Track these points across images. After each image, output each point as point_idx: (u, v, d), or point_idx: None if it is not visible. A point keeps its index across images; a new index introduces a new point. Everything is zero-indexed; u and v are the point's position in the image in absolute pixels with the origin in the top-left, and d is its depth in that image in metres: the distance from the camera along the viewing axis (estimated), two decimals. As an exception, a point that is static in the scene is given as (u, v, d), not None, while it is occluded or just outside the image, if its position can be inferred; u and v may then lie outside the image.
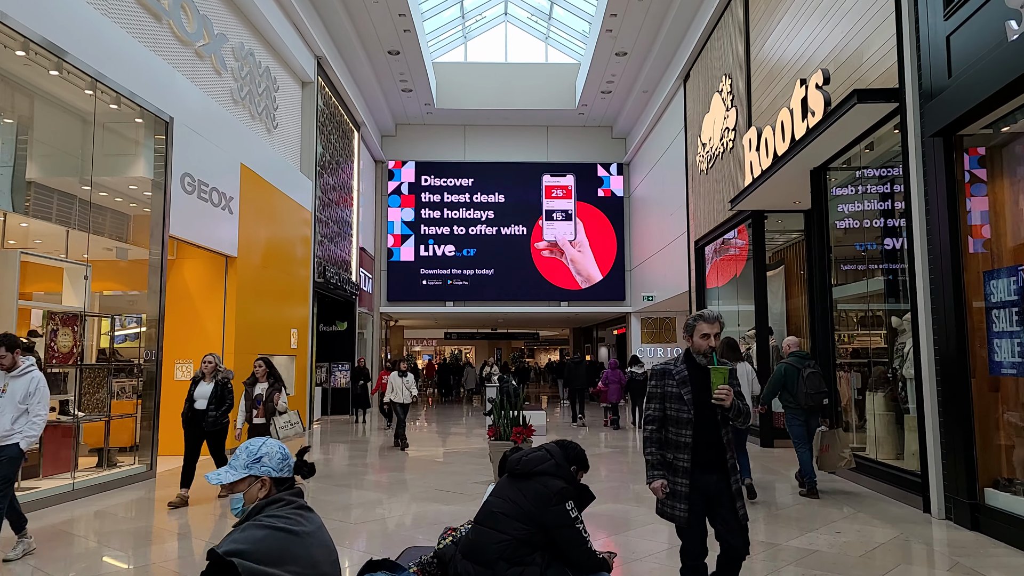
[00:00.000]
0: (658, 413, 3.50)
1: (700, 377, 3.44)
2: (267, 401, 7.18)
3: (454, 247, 22.31)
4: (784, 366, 7.29)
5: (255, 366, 7.45)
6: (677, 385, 3.45)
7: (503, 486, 3.01)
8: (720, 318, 3.53)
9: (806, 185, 9.42)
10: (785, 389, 7.22)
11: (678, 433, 3.41)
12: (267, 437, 2.21)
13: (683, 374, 3.47)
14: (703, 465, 3.38)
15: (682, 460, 3.37)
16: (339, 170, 17.22)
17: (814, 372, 7.14)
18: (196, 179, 9.48)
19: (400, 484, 8.08)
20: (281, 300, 12.75)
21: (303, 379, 13.89)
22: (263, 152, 12.08)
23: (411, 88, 19.64)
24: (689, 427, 3.37)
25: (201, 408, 7.12)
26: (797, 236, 11.72)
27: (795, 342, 7.65)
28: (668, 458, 3.43)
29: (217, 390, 7.17)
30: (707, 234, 14.13)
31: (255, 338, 11.46)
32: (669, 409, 3.46)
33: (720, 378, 3.33)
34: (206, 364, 7.28)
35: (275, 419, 7.07)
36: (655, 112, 18.65)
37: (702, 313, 3.50)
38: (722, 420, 3.41)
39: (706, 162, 14.05)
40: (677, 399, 3.44)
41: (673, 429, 3.44)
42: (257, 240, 11.64)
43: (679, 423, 3.41)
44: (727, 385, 3.31)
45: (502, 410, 8.08)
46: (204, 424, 7.09)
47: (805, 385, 7.04)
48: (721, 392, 3.30)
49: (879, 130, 7.56)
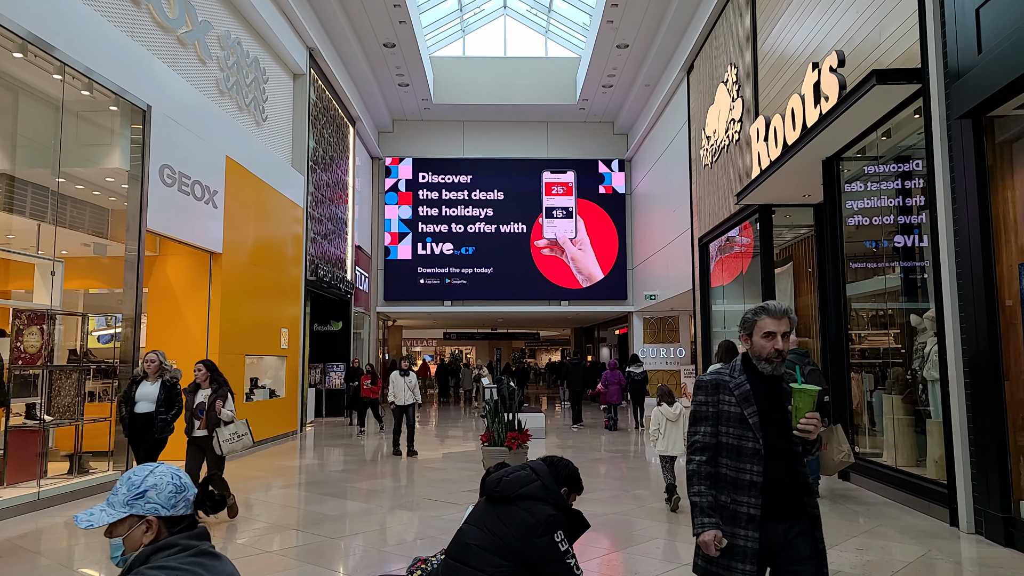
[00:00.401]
0: (710, 440, 2.60)
1: (766, 390, 2.60)
2: (209, 410, 6.22)
3: (452, 245, 21.86)
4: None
5: (195, 370, 6.44)
6: (737, 403, 2.56)
7: (480, 512, 2.52)
8: (790, 313, 2.63)
9: (817, 176, 8.94)
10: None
11: (740, 468, 2.52)
12: (156, 464, 1.73)
13: (744, 388, 2.58)
14: (775, 512, 2.50)
15: (746, 504, 2.47)
16: (333, 166, 16.76)
17: (814, 370, 7.00)
18: (177, 171, 9.03)
19: (385, 492, 7.62)
20: (271, 299, 12.30)
21: (294, 380, 13.44)
22: (251, 145, 11.63)
23: (408, 83, 19.18)
24: (756, 460, 2.50)
25: (144, 411, 6.32)
26: (806, 231, 11.24)
27: (795, 341, 7.50)
28: (723, 501, 2.54)
29: (164, 391, 6.41)
30: (711, 230, 13.66)
31: (242, 338, 11.01)
32: (726, 435, 2.58)
33: (807, 403, 2.45)
34: (148, 363, 6.49)
35: (219, 431, 6.17)
36: (657, 106, 18.17)
37: (766, 305, 2.62)
38: (802, 451, 2.58)
39: (710, 156, 13.58)
40: (737, 422, 2.55)
41: (731, 463, 2.55)
42: (244, 236, 11.19)
43: (741, 454, 2.53)
44: (815, 413, 2.46)
45: (496, 414, 7.62)
46: (155, 429, 6.29)
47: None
48: (809, 423, 2.44)
49: (897, 115, 7.08)
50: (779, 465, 2.51)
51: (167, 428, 6.38)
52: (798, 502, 2.53)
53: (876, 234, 8.18)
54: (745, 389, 2.57)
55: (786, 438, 2.53)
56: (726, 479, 2.56)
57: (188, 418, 6.24)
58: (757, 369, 2.61)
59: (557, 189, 22.15)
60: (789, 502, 2.52)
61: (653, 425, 6.79)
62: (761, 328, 2.59)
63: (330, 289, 16.17)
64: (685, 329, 21.40)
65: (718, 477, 2.59)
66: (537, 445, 11.65)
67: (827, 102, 7.39)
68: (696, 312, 14.77)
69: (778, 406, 2.57)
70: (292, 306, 13.43)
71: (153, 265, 10.28)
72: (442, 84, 20.88)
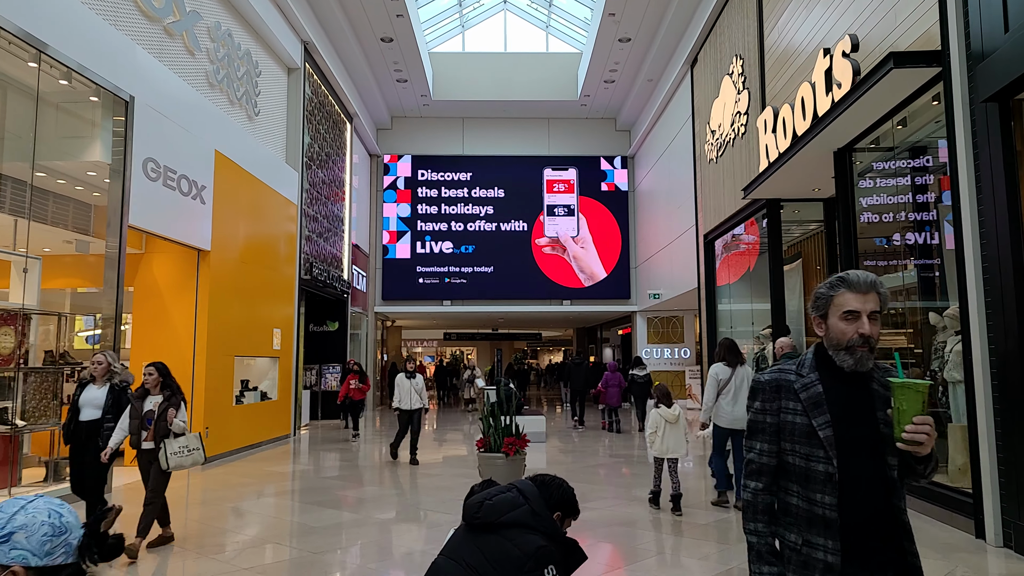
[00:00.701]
0: (769, 460, 1.99)
1: (846, 393, 1.93)
2: (159, 420, 5.43)
3: (452, 244, 21.51)
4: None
5: (145, 374, 5.61)
6: (805, 409, 1.93)
7: (458, 542, 2.15)
8: (879, 285, 1.94)
9: (828, 169, 8.57)
10: None
11: (809, 498, 1.91)
12: (31, 498, 1.37)
13: (814, 390, 1.93)
14: (860, 558, 1.87)
15: (821, 549, 1.87)
16: (330, 163, 16.42)
17: None
18: (162, 165, 8.69)
19: (375, 501, 7.27)
20: (262, 298, 11.95)
21: (287, 382, 13.10)
22: (242, 140, 11.29)
23: (406, 78, 18.83)
24: (830, 489, 1.87)
25: (89, 419, 5.59)
26: (816, 227, 10.87)
27: (788, 343, 7.27)
28: (791, 542, 1.94)
29: (112, 397, 5.67)
30: (717, 227, 13.28)
31: (231, 338, 10.67)
32: (792, 454, 1.95)
33: (915, 403, 1.77)
34: (96, 364, 5.76)
35: (167, 443, 5.37)
36: (661, 101, 17.80)
37: (846, 276, 1.95)
38: (900, 474, 1.90)
39: (715, 151, 13.21)
40: (804, 434, 1.92)
41: (798, 490, 1.93)
42: (234, 233, 10.84)
43: (810, 480, 1.90)
44: (927, 416, 1.78)
45: (491, 418, 7.25)
46: (100, 439, 5.57)
47: None
48: (920, 430, 1.76)
49: (914, 103, 6.71)
50: (865, 495, 1.86)
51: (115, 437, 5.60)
52: (893, 546, 1.88)
53: (891, 228, 7.80)
54: (815, 392, 1.92)
55: (875, 458, 1.88)
56: (795, 513, 1.93)
57: (135, 428, 5.45)
58: (834, 364, 1.94)
59: (559, 186, 21.79)
60: (879, 544, 1.87)
61: (650, 428, 6.65)
62: (840, 306, 1.92)
63: (326, 289, 15.83)
64: (690, 329, 21.02)
65: (784, 509, 1.98)
66: (537, 449, 11.28)
67: (840, 89, 7.02)
68: (701, 311, 14.40)
69: (862, 414, 1.90)
70: (285, 306, 13.08)
71: (139, 263, 9.95)
72: (441, 80, 20.53)
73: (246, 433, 11.24)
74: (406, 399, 9.77)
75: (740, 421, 6.53)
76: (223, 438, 10.36)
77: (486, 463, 7.20)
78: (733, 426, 6.67)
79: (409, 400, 9.78)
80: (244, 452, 10.98)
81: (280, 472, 9.19)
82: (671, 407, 6.63)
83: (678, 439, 6.53)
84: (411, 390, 9.83)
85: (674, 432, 6.53)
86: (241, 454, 10.81)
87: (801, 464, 1.92)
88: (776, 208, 10.60)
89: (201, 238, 9.76)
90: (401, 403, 9.79)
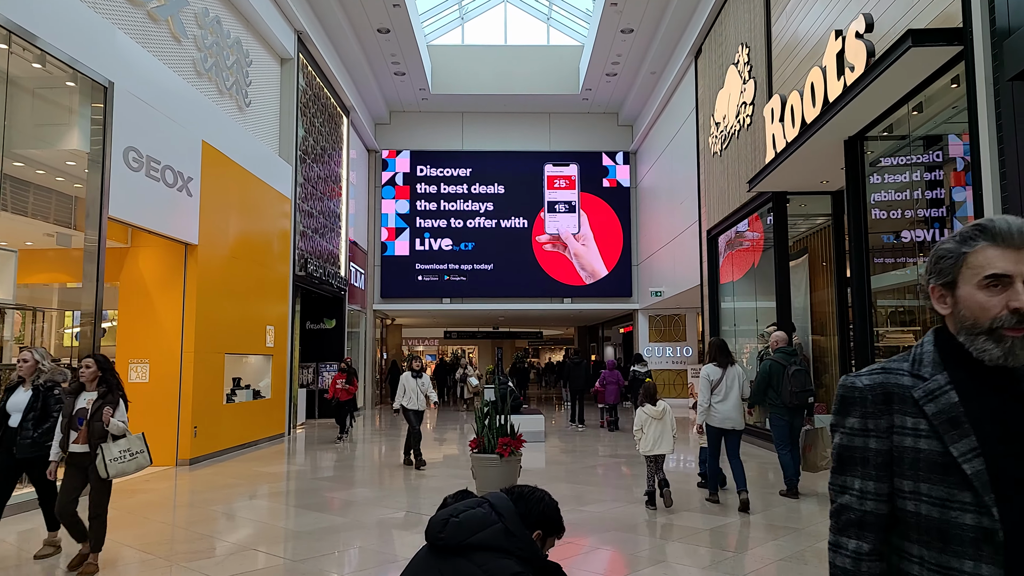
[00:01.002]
0: (876, 506, 1.33)
1: (996, 405, 1.27)
2: (92, 419, 4.68)
3: (451, 241, 21.18)
4: (770, 363, 7.08)
5: (82, 366, 4.83)
6: (935, 429, 1.27)
7: (418, 567, 1.82)
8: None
9: (837, 159, 8.22)
10: (770, 387, 7.00)
11: (948, 567, 1.24)
12: None
13: (946, 399, 1.28)
14: None
15: None
16: (326, 157, 16.10)
17: (800, 370, 6.88)
18: (144, 155, 8.36)
19: (364, 504, 6.93)
20: (254, 295, 11.63)
21: (282, 380, 12.78)
22: (232, 131, 10.97)
23: (404, 71, 18.49)
24: (988, 553, 1.20)
25: (16, 426, 5.03)
26: (823, 221, 10.51)
27: (783, 338, 7.40)
28: None
29: (37, 400, 5.06)
30: (721, 222, 12.93)
31: (221, 335, 10.35)
32: (913, 496, 1.29)
33: None
34: (22, 363, 5.15)
35: (105, 447, 4.64)
36: (664, 94, 17.44)
37: (988, 224, 1.29)
38: None
39: (720, 143, 12.85)
40: (937, 468, 1.26)
41: (927, 554, 1.27)
42: (224, 228, 10.52)
43: (950, 538, 1.24)
44: None
45: (486, 418, 6.92)
46: (15, 448, 4.97)
47: (791, 383, 6.83)
48: None
49: (931, 86, 6.36)
50: None
51: (37, 447, 4.99)
52: None
53: (905, 221, 7.45)
54: (948, 401, 1.27)
55: None
56: None
57: (65, 427, 4.73)
58: (970, 358, 1.29)
59: (559, 183, 21.44)
60: None
61: (636, 426, 6.67)
62: (978, 268, 1.28)
63: (322, 285, 15.51)
64: (692, 327, 20.66)
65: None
66: (536, 449, 10.95)
67: (852, 72, 6.68)
68: (704, 309, 14.05)
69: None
70: (279, 303, 12.76)
71: (125, 258, 9.63)
72: (440, 74, 20.19)
73: (238, 432, 10.93)
74: (411, 398, 9.30)
75: (731, 420, 6.57)
76: (212, 438, 10.04)
77: (480, 465, 6.88)
78: (724, 425, 6.61)
79: (415, 399, 9.32)
80: (235, 452, 10.67)
81: (270, 473, 8.87)
82: (655, 404, 6.60)
83: (664, 436, 6.50)
84: (416, 389, 9.38)
85: (659, 427, 6.51)
86: (232, 454, 10.49)
87: (933, 514, 1.25)
88: (782, 202, 10.25)
89: (188, 232, 9.43)
90: (406, 402, 9.30)
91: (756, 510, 6.43)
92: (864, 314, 7.70)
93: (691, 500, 6.94)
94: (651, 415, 6.53)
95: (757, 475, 8.29)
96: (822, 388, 10.33)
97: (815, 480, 7.70)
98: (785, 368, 6.90)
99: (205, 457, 9.79)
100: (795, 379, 6.82)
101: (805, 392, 6.83)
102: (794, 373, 6.79)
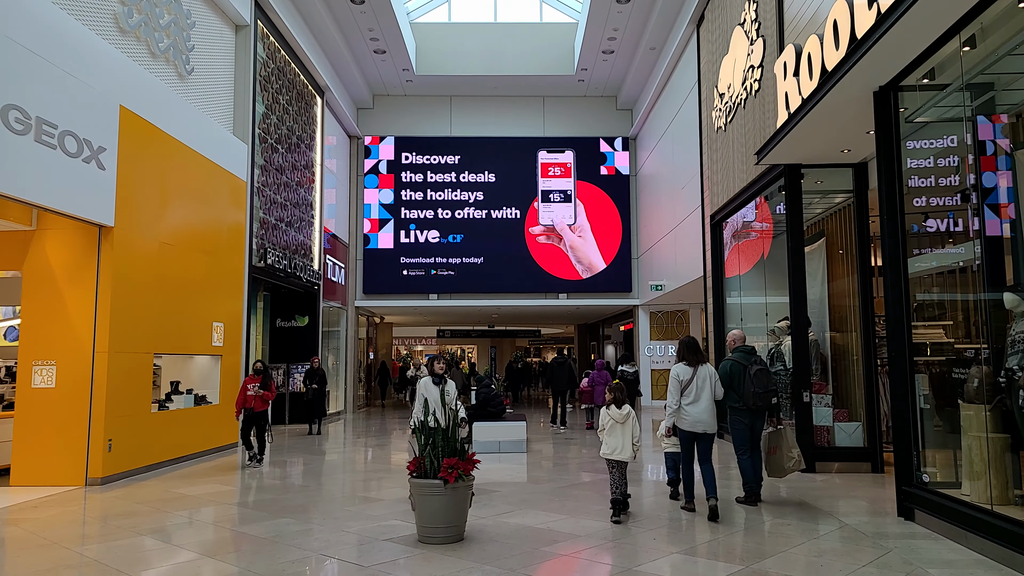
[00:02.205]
0: None
1: None
2: None
3: (439, 233, 19.81)
4: (729, 363, 6.70)
5: None
6: None
7: None
8: None
9: (864, 119, 6.80)
10: (731, 388, 6.59)
11: None
12: None
13: None
14: None
15: None
16: (295, 140, 14.76)
17: (761, 369, 6.55)
18: (32, 116, 7.02)
19: (276, 544, 5.54)
20: (196, 287, 10.29)
21: (233, 383, 11.44)
22: (167, 100, 9.63)
23: (384, 49, 17.13)
24: None
25: None
26: (843, 200, 9.08)
27: (740, 336, 7.03)
28: None
29: None
30: (725, 205, 11.50)
31: (147, 333, 9.01)
32: None
33: None
34: None
35: None
36: (664, 71, 16.02)
37: None
38: None
39: (725, 116, 11.42)
40: None
41: None
42: (152, 209, 9.18)
43: None
44: None
45: (424, 431, 5.53)
46: None
47: (752, 384, 6.50)
48: None
49: (989, 9, 4.93)
50: None
51: None
52: None
53: (946, 191, 6.01)
54: None
55: None
56: None
57: None
58: None
59: (554, 170, 20.04)
60: None
61: (599, 427, 6.42)
62: None
63: (289, 279, 14.17)
64: (696, 324, 19.22)
65: None
66: (514, 461, 9.57)
67: None
68: (708, 302, 12.62)
69: None
70: (230, 297, 11.41)
71: (30, 243, 8.31)
72: (426, 54, 18.83)
73: (171, 444, 9.59)
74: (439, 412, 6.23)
75: (703, 423, 6.21)
76: (135, 451, 8.70)
77: (420, 493, 5.49)
78: (695, 428, 6.22)
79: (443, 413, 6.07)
80: (166, 467, 9.33)
81: (190, 496, 7.50)
82: (621, 407, 6.23)
83: (624, 439, 6.14)
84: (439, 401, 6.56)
85: (620, 431, 6.16)
86: (160, 470, 9.15)
87: None
88: (796, 176, 8.82)
89: (100, 211, 8.08)
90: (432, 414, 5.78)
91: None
92: (899, 304, 6.25)
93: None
94: (614, 417, 6.19)
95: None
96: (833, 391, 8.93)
97: (900, 525, 6.20)
98: (746, 368, 6.56)
99: (125, 475, 8.46)
100: (757, 379, 6.49)
101: (768, 393, 6.50)
102: (756, 373, 6.49)
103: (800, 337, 8.64)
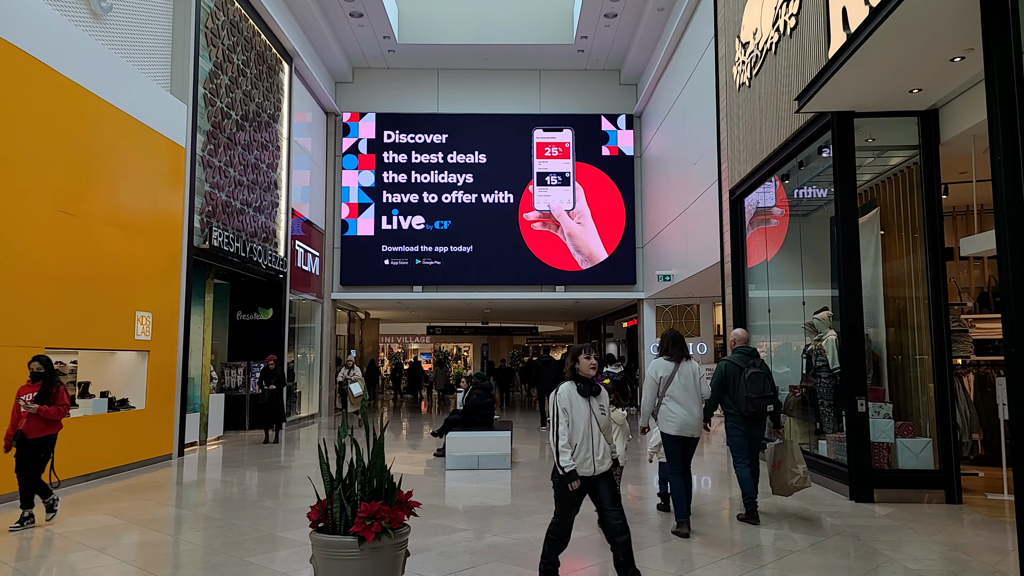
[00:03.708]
0: None
1: None
2: None
3: (424, 219, 18.01)
4: (725, 364, 6.21)
5: None
6: None
7: None
8: None
9: (961, 26, 5.00)
10: (726, 392, 6.09)
11: None
12: None
13: None
14: None
15: None
16: (253, 108, 12.98)
17: (758, 373, 6.02)
18: None
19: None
20: (110, 269, 8.51)
21: (167, 385, 9.66)
22: (67, 36, 7.86)
23: (361, 12, 15.33)
24: None
25: None
26: (904, 159, 7.27)
27: (743, 336, 6.48)
28: None
29: None
30: (749, 176, 9.69)
31: (34, 324, 7.23)
32: None
33: None
34: None
35: None
36: (673, 35, 14.22)
37: None
38: None
39: (749, 69, 9.61)
40: None
41: None
42: (37, 170, 7.40)
43: None
44: None
45: (327, 465, 3.76)
46: None
47: (746, 388, 5.96)
48: None
49: None
50: None
51: None
52: None
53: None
54: None
55: None
56: None
57: None
58: None
59: (551, 150, 18.23)
60: None
61: None
62: None
63: (245, 265, 12.40)
64: (707, 320, 17.40)
65: None
66: (495, 481, 7.77)
67: None
68: (725, 294, 10.82)
69: None
70: (162, 283, 9.64)
71: None
72: (409, 20, 17.04)
73: (70, 460, 7.79)
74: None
75: (691, 427, 5.56)
76: (9, 468, 6.90)
77: (324, 555, 3.69)
78: (684, 433, 5.54)
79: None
80: (66, 487, 7.53)
81: (82, 531, 5.71)
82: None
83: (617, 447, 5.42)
84: None
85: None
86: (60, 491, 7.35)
87: None
88: (847, 127, 7.00)
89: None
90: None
91: None
92: (1013, 284, 4.42)
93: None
94: None
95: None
96: (898, 403, 7.12)
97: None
98: (742, 370, 6.04)
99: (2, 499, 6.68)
100: (751, 383, 5.94)
101: (764, 398, 5.93)
102: (751, 376, 5.98)
103: (852, 331, 6.83)
